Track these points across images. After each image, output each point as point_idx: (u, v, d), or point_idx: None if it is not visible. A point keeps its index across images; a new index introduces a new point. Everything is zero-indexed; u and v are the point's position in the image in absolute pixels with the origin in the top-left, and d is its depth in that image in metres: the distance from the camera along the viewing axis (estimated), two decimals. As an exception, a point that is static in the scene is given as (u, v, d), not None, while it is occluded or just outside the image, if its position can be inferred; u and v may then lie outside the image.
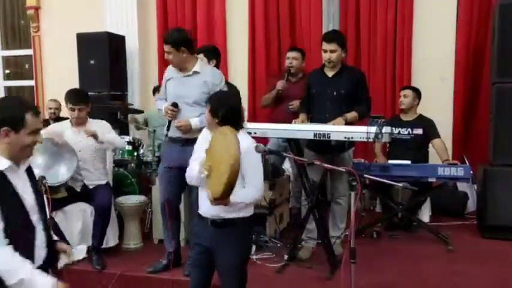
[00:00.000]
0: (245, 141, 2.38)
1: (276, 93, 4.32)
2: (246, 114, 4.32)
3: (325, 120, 3.37)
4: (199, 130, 3.08)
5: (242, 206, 2.33)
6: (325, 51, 3.42)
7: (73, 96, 3.49)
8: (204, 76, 3.19)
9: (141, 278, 3.26)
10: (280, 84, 4.30)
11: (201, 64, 3.27)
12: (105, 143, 3.50)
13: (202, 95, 3.16)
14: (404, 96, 4.33)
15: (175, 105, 3.23)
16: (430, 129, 4.25)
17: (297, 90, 4.20)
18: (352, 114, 3.39)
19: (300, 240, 3.56)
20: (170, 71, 3.33)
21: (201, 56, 3.88)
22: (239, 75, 5.46)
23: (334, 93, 3.44)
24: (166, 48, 3.17)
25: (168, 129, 3.26)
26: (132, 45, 5.72)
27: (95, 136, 3.38)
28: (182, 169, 2.59)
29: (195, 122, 3.16)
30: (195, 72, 3.21)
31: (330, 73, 3.50)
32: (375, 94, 5.16)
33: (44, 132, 3.43)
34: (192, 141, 3.11)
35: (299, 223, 3.80)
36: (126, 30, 5.73)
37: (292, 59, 4.35)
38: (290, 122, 3.54)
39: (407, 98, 4.32)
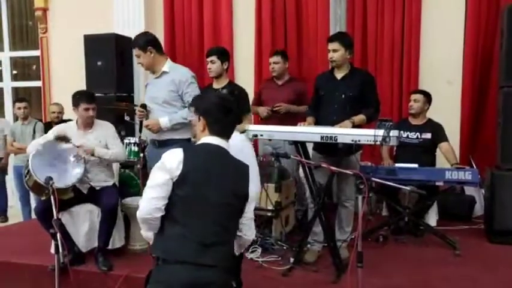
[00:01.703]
0: (235, 139, 2.34)
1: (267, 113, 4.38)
2: (251, 116, 4.33)
3: (332, 123, 3.35)
4: (172, 130, 3.22)
5: None
6: (328, 50, 3.46)
7: (87, 96, 3.52)
8: (171, 75, 3.27)
9: (146, 280, 3.25)
10: (263, 112, 4.39)
11: (170, 64, 3.35)
12: (102, 157, 3.48)
13: (171, 93, 3.24)
14: (415, 101, 4.31)
15: (143, 106, 3.40)
16: (438, 134, 4.23)
17: (283, 93, 4.33)
18: (359, 117, 3.38)
19: (305, 243, 3.55)
20: (149, 76, 3.44)
21: (213, 58, 3.90)
22: (245, 76, 5.46)
23: (343, 95, 3.43)
24: (135, 52, 3.29)
25: (140, 130, 3.45)
26: (139, 47, 5.73)
27: (91, 153, 3.39)
28: None
29: (164, 121, 3.24)
30: (164, 72, 3.32)
31: (338, 75, 3.49)
32: (381, 97, 5.11)
33: (51, 132, 3.48)
34: (166, 143, 3.18)
35: (305, 226, 3.80)
36: (133, 32, 5.71)
37: (273, 63, 4.42)
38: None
39: (417, 102, 4.29)
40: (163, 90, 3.27)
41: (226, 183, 2.01)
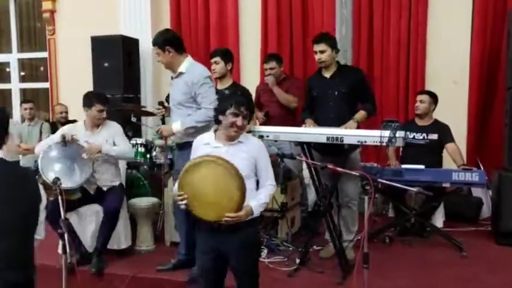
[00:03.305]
0: (254, 139, 2.53)
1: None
2: (255, 117, 4.34)
3: (331, 120, 3.41)
4: (188, 133, 3.13)
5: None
6: (315, 52, 3.49)
7: (102, 98, 3.57)
8: (186, 76, 3.19)
9: (153, 280, 3.27)
10: (259, 119, 4.40)
11: (188, 64, 3.23)
12: (108, 153, 3.50)
13: (183, 95, 3.16)
14: (421, 102, 4.29)
15: (160, 103, 3.36)
16: (444, 134, 4.21)
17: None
18: (361, 115, 3.43)
19: (310, 245, 3.56)
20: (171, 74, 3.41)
21: (217, 59, 3.90)
22: (251, 77, 5.47)
23: (336, 93, 3.48)
24: (155, 50, 3.22)
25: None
26: (145, 48, 5.76)
27: (99, 150, 3.42)
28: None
29: (176, 126, 3.18)
30: (180, 73, 3.23)
31: (327, 74, 3.55)
32: (387, 98, 5.16)
33: (59, 132, 3.51)
34: (183, 146, 3.16)
35: (308, 226, 3.81)
36: (140, 33, 5.78)
37: (269, 69, 4.41)
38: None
39: (423, 103, 4.28)
40: (178, 92, 3.20)
41: (18, 199, 1.87)
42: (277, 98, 4.32)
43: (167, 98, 3.82)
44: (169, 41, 3.19)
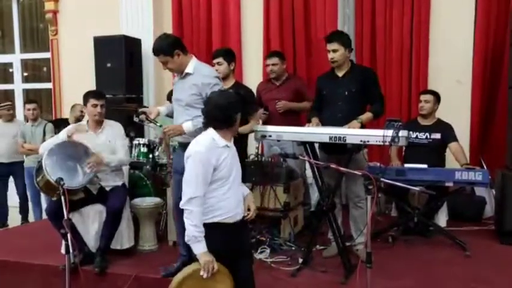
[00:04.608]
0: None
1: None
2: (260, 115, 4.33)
3: (338, 120, 3.38)
4: (195, 134, 2.97)
5: None
6: (328, 51, 3.46)
7: (96, 93, 3.63)
8: (195, 77, 3.12)
9: (155, 280, 3.27)
10: (262, 116, 4.38)
11: (194, 64, 3.16)
12: (109, 164, 3.52)
13: (193, 96, 3.10)
14: (426, 102, 4.27)
15: (142, 112, 3.39)
16: (447, 134, 4.20)
17: (282, 93, 4.34)
18: (367, 116, 3.40)
19: (313, 244, 3.55)
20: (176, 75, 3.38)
21: (220, 60, 3.89)
22: (254, 77, 5.47)
23: (346, 92, 3.45)
24: (161, 59, 3.10)
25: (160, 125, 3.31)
26: (147, 48, 5.77)
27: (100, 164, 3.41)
28: (182, 173, 2.50)
29: (187, 126, 3.10)
30: (187, 74, 3.15)
31: (339, 73, 3.52)
32: (390, 97, 5.14)
33: (63, 132, 3.52)
34: (186, 145, 3.10)
35: (311, 226, 3.79)
36: (142, 33, 5.79)
37: (271, 65, 4.39)
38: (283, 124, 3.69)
39: (428, 103, 4.26)
40: (186, 93, 3.13)
41: None
42: (284, 96, 4.31)
43: (169, 96, 3.78)
44: (175, 44, 3.11)
